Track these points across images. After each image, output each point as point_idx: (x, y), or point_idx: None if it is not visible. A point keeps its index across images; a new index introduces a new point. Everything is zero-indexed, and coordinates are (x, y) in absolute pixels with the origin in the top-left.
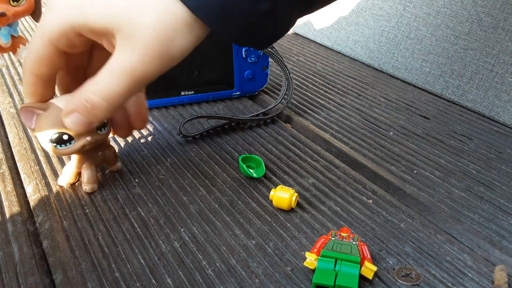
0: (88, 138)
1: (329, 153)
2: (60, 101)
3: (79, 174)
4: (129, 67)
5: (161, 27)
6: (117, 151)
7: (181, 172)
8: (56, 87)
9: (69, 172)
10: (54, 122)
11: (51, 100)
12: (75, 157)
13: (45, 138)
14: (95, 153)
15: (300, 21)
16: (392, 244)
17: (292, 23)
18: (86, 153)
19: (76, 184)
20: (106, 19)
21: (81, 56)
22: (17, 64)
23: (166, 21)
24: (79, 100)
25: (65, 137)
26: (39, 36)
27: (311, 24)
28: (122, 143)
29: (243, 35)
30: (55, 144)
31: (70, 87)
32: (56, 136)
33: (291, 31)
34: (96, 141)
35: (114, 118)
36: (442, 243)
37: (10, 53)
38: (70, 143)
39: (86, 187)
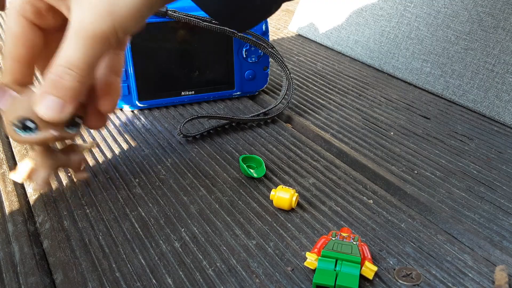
0: (53, 132)
1: (330, 153)
2: (36, 87)
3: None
4: (80, 27)
5: None
6: (86, 161)
7: (182, 172)
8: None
9: (26, 168)
10: (24, 106)
11: (32, 87)
12: (35, 154)
13: (9, 120)
14: (59, 153)
15: (300, 21)
16: (392, 244)
17: (276, 5)
18: (48, 151)
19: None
20: None
21: (56, 38)
22: None
23: None
24: (47, 78)
25: (29, 123)
26: (9, 13)
27: (312, 24)
28: (123, 143)
29: (222, 10)
30: (17, 128)
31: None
32: (20, 120)
33: (291, 31)
34: (61, 138)
35: (82, 105)
36: (442, 243)
37: None
38: (33, 131)
39: (36, 186)
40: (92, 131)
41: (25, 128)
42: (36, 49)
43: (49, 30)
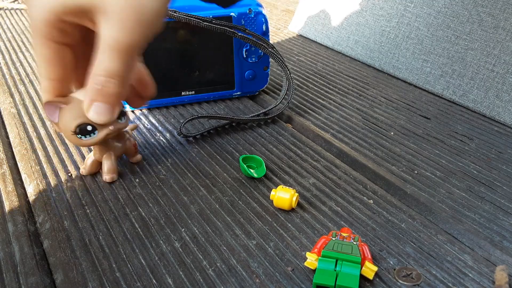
0: (111, 127)
1: (330, 153)
2: (80, 93)
3: (99, 164)
4: (113, 41)
5: None
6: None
7: (182, 172)
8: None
9: (90, 161)
10: (77, 114)
11: (72, 94)
12: (96, 148)
13: (69, 130)
14: (115, 144)
15: (300, 21)
16: (392, 244)
17: None
18: (107, 144)
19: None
20: (87, 2)
21: (83, 47)
22: (17, 64)
23: None
24: (91, 87)
25: (89, 127)
26: (35, 37)
27: (312, 24)
28: None
29: None
30: (79, 135)
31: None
32: (80, 127)
33: (291, 31)
34: (118, 129)
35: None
36: (442, 243)
37: (11, 52)
38: (94, 133)
39: (106, 176)
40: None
41: (86, 133)
42: (69, 65)
43: (76, 43)
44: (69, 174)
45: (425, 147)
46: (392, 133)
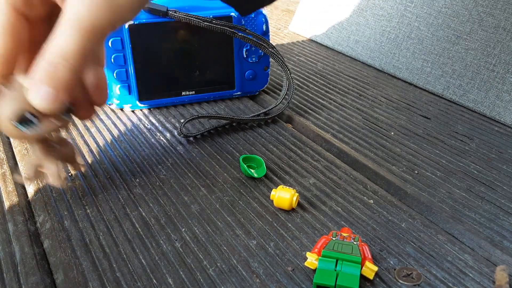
0: (54, 121)
1: (330, 153)
2: (24, 78)
3: (40, 168)
4: (77, 18)
5: None
6: (78, 152)
7: (182, 172)
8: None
9: (30, 167)
10: (17, 99)
11: (17, 77)
12: (36, 149)
13: (5, 117)
14: (57, 147)
15: (300, 21)
16: (393, 244)
17: None
18: (49, 146)
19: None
20: None
21: (40, 28)
22: None
23: None
24: (40, 66)
25: (29, 116)
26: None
27: (312, 24)
28: (123, 143)
29: None
30: (18, 123)
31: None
32: (19, 114)
33: (292, 31)
34: (61, 126)
35: (75, 98)
36: (443, 243)
37: None
38: (35, 124)
39: (54, 181)
40: (93, 130)
41: (25, 122)
42: (22, 41)
43: (34, 20)
44: (69, 174)
45: (425, 147)
46: (392, 133)
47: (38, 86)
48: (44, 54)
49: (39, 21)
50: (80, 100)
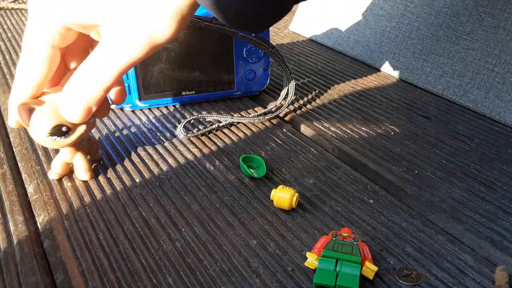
0: (84, 127)
1: (330, 153)
2: (53, 95)
3: (69, 166)
4: (119, 58)
5: (153, 19)
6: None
7: (182, 172)
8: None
9: (59, 164)
10: (51, 115)
11: (45, 96)
12: (65, 149)
13: (43, 132)
14: (83, 143)
15: (301, 21)
16: (393, 244)
17: (287, 9)
18: (75, 144)
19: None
20: (88, 12)
21: (67, 49)
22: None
23: (159, 14)
24: (75, 88)
25: (64, 128)
26: (35, 39)
27: (312, 24)
28: (123, 143)
29: (237, 17)
30: (54, 137)
31: (55, 82)
32: (55, 128)
33: (292, 31)
34: (89, 130)
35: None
36: (443, 243)
37: (11, 52)
38: (69, 134)
39: (84, 175)
40: (93, 130)
41: (61, 134)
42: (55, 67)
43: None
44: (70, 174)
45: (425, 147)
46: (392, 133)
47: (71, 103)
48: (78, 75)
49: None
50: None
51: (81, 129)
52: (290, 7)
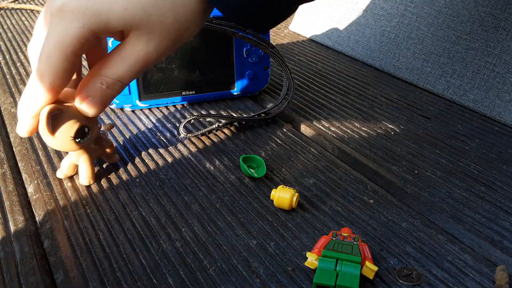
0: (98, 126)
1: (330, 153)
2: (75, 100)
3: (76, 167)
4: (144, 55)
5: (178, 21)
6: (114, 145)
7: (182, 172)
8: None
9: (67, 165)
10: (74, 118)
11: (64, 103)
12: (73, 151)
13: (68, 136)
14: (92, 146)
15: (301, 21)
16: (393, 244)
17: (293, 8)
18: (89, 147)
19: (73, 177)
20: (125, 23)
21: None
22: (18, 64)
23: (183, 14)
24: (95, 85)
25: (86, 129)
26: (58, 50)
27: (312, 24)
28: (123, 143)
29: (244, 15)
30: (78, 139)
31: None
32: (80, 130)
33: (292, 31)
34: (106, 128)
35: None
36: (443, 243)
37: (11, 52)
38: (89, 135)
39: (83, 180)
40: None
41: (83, 135)
42: (73, 73)
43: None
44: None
45: (425, 147)
46: (392, 133)
47: (90, 99)
48: (97, 78)
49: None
50: None
51: (97, 128)
52: (295, 7)
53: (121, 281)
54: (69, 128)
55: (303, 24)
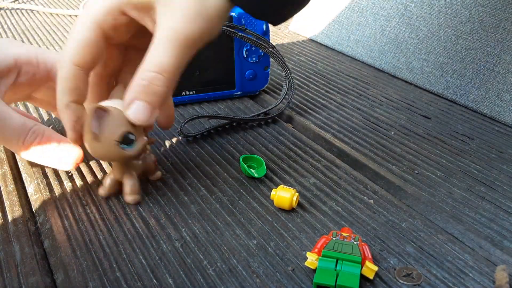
0: (145, 138)
1: (330, 153)
2: (112, 103)
3: (119, 185)
4: (172, 32)
5: (202, 4)
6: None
7: (182, 172)
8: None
9: (110, 182)
10: (121, 122)
11: (103, 103)
12: (116, 167)
13: (112, 139)
14: (136, 161)
15: (301, 21)
16: (393, 244)
17: (306, 2)
18: (128, 162)
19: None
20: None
21: (118, 52)
22: None
23: (206, 1)
24: (137, 83)
25: (131, 136)
26: (86, 20)
27: (312, 24)
28: None
29: (259, 7)
30: (123, 145)
31: (102, 96)
32: (124, 135)
33: (292, 31)
34: (149, 143)
35: None
36: (443, 243)
37: None
38: (134, 144)
39: (129, 198)
40: None
41: (128, 141)
42: (98, 60)
43: (119, 46)
44: (70, 174)
45: (425, 147)
46: (392, 133)
47: (134, 102)
48: (139, 72)
49: (121, 46)
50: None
51: (143, 139)
52: (308, 0)
53: (121, 281)
54: (115, 130)
55: (303, 24)
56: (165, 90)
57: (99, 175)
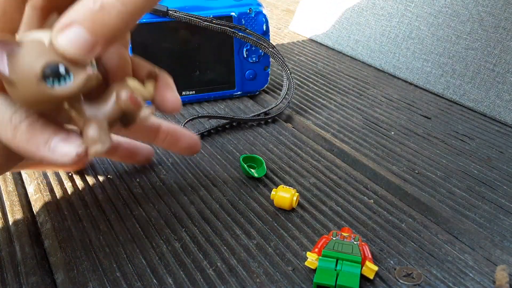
0: (89, 71)
1: (330, 153)
2: (37, 34)
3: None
4: None
5: None
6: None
7: (182, 172)
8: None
9: (96, 127)
10: (40, 52)
11: (23, 35)
12: (79, 110)
13: (32, 76)
14: (104, 104)
15: (301, 21)
16: (393, 244)
17: None
18: (74, 97)
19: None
20: None
21: None
22: None
23: None
24: (83, 4)
25: (62, 68)
26: None
27: (312, 24)
28: None
29: None
30: (50, 80)
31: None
32: (49, 67)
33: (292, 31)
34: (93, 82)
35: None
36: (443, 243)
37: None
38: (69, 78)
39: (93, 148)
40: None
41: (57, 75)
42: None
43: None
44: (70, 174)
45: (425, 147)
46: (392, 132)
47: (73, 28)
48: None
49: None
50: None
51: (86, 71)
52: None
53: (121, 281)
54: (31, 64)
55: (303, 24)
56: (118, 25)
57: (99, 175)
